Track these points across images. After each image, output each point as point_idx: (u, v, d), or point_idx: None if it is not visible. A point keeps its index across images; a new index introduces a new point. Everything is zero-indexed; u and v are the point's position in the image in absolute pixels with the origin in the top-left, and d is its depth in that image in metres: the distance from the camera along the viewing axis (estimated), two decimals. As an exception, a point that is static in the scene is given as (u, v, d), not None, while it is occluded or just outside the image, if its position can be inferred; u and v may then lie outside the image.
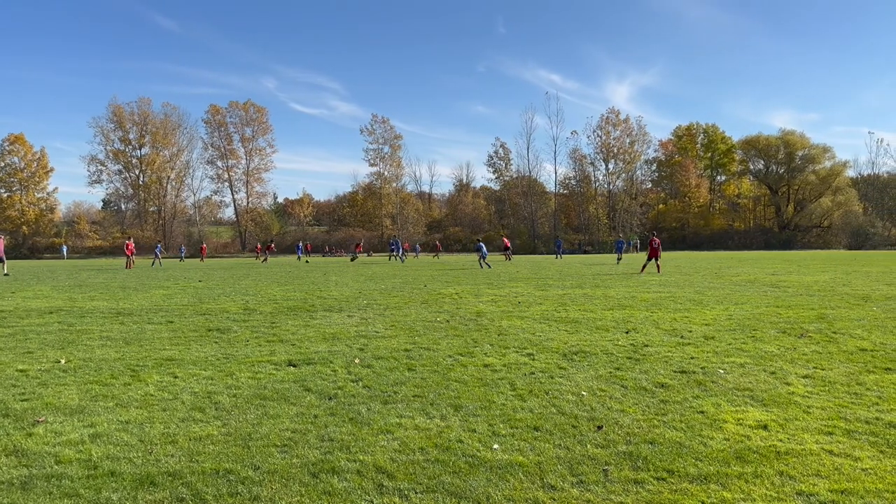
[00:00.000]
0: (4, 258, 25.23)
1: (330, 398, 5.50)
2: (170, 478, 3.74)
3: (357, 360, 7.08)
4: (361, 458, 4.06)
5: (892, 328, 9.08)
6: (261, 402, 5.41)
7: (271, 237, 60.48)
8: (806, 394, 5.53)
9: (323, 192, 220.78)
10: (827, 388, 5.70)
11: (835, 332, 8.76)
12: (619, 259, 36.61)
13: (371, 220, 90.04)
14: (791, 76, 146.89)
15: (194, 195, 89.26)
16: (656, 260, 23.58)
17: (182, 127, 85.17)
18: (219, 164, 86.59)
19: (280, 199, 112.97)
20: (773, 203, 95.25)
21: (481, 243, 33.98)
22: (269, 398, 5.53)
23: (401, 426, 4.69)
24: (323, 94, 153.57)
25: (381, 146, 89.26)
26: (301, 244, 54.56)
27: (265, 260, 45.27)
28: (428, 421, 4.81)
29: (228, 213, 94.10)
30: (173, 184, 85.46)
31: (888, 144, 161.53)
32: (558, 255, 50.34)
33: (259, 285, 18.72)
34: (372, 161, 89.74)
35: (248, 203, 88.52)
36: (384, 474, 3.79)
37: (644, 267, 23.95)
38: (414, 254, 61.33)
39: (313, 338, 8.70)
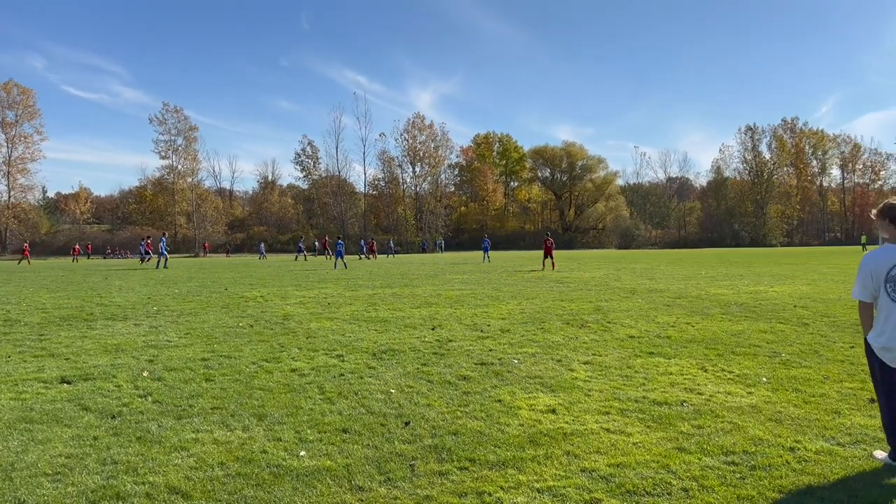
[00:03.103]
0: None
1: (113, 417, 4.92)
2: None
3: (145, 373, 6.44)
4: (151, 479, 3.68)
5: (654, 317, 10.49)
6: (27, 425, 4.68)
7: (327, 237, 50.67)
8: (587, 378, 6.15)
9: (104, 187, 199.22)
10: (603, 373, 6.40)
11: (609, 322, 9.89)
12: (486, 259, 37.90)
13: (162, 217, 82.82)
14: (570, 93, 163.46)
15: (-64, 187, 74.98)
16: (549, 258, 26.37)
17: (-82, 105, 70.98)
18: (-30, 151, 73.61)
19: (51, 194, 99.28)
20: (557, 207, 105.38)
21: (487, 240, 38.40)
22: (36, 421, 4.80)
23: (197, 441, 4.34)
24: (103, 78, 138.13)
25: (173, 137, 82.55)
26: (364, 242, 49.67)
27: (373, 257, 45.12)
28: (228, 433, 4.52)
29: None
30: None
31: (649, 157, 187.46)
32: (485, 258, 38.68)
33: (24, 292, 16.24)
34: (163, 153, 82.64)
35: (9, 197, 76.32)
36: (178, 494, 3.48)
37: (553, 265, 26.17)
38: (388, 254, 57.85)
39: (92, 350, 7.75)
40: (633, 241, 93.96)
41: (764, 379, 6.04)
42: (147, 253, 40.19)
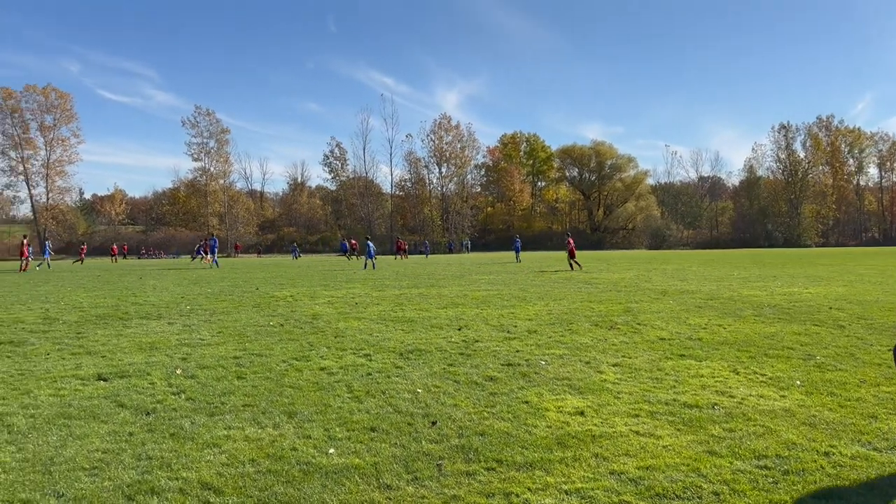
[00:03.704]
0: None
1: (147, 413, 5.04)
2: (-56, 519, 3.19)
3: (179, 371, 6.58)
4: (184, 475, 3.76)
5: (685, 319, 10.34)
6: (65, 421, 4.82)
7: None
8: (616, 380, 6.10)
9: (139, 189, 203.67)
10: (633, 375, 6.34)
11: (639, 324, 9.78)
12: (518, 259, 38.06)
13: (195, 218, 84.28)
14: (598, 91, 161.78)
15: (-20, 189, 77.37)
16: (573, 258, 26.37)
17: (-36, 111, 73.24)
18: (12, 154, 75.73)
19: (87, 195, 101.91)
20: (586, 207, 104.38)
21: (518, 239, 39.45)
22: (74, 417, 4.94)
23: (229, 438, 4.42)
24: (136, 82, 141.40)
25: (205, 140, 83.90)
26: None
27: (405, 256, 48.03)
28: (259, 430, 4.60)
29: (24, 209, 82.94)
30: (-48, 176, 73.37)
31: (681, 156, 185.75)
32: (518, 258, 38.43)
33: (62, 291, 16.70)
34: (196, 155, 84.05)
35: (48, 199, 78.47)
36: (210, 490, 3.55)
37: (578, 265, 26.25)
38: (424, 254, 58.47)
39: (127, 348, 7.94)
40: (664, 241, 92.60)
41: (798, 382, 5.92)
42: (205, 252, 41.03)
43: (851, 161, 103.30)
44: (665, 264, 31.20)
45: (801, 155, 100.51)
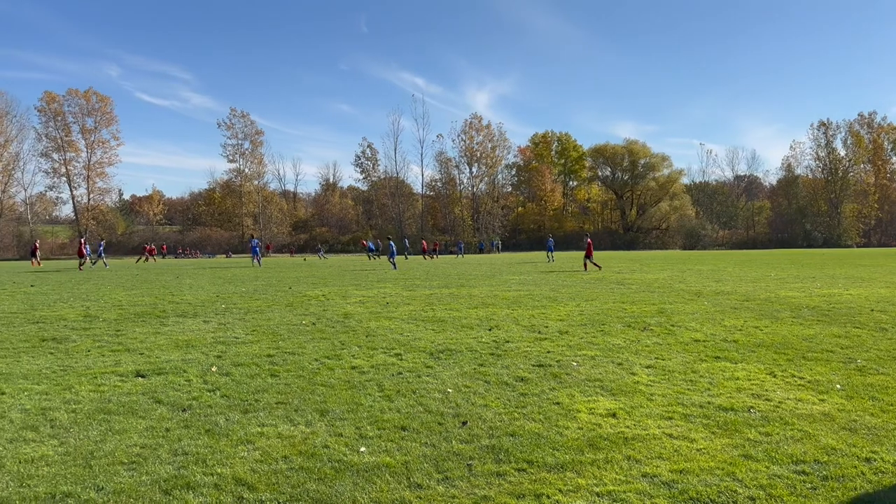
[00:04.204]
0: None
1: (184, 410, 5.15)
2: (-8, 509, 3.31)
3: (214, 368, 6.70)
4: (219, 470, 3.84)
5: (720, 320, 10.15)
6: (104, 416, 4.96)
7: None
8: (649, 382, 6.02)
9: (175, 189, 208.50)
10: (667, 377, 6.25)
11: (673, 325, 9.63)
12: (550, 258, 37.52)
13: (230, 219, 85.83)
14: (631, 89, 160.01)
15: (25, 190, 79.93)
16: (589, 258, 26.38)
17: (10, 114, 75.69)
18: (55, 156, 78.13)
19: (126, 196, 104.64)
20: (618, 207, 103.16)
21: (551, 240, 39.14)
22: (114, 412, 5.07)
23: (262, 435, 4.49)
24: (173, 85, 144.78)
25: (240, 141, 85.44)
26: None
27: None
28: (292, 428, 4.66)
29: (66, 210, 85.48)
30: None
31: (716, 155, 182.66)
32: (550, 258, 37.73)
33: (102, 290, 17.16)
34: (231, 157, 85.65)
35: (89, 200, 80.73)
36: (244, 486, 3.61)
37: (595, 264, 26.25)
38: (458, 254, 58.62)
39: (164, 346, 8.12)
40: (699, 241, 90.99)
41: (837, 386, 5.76)
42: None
43: (895, 159, 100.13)
44: (700, 265, 30.66)
45: (842, 153, 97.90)
